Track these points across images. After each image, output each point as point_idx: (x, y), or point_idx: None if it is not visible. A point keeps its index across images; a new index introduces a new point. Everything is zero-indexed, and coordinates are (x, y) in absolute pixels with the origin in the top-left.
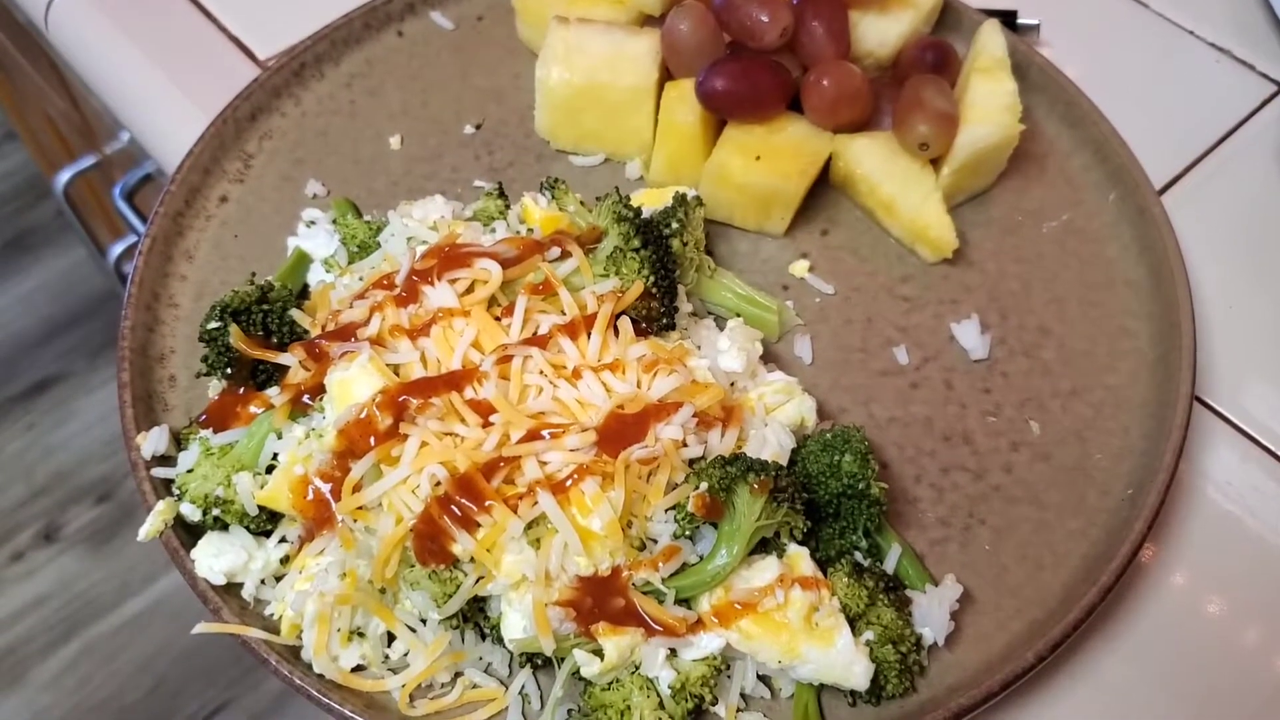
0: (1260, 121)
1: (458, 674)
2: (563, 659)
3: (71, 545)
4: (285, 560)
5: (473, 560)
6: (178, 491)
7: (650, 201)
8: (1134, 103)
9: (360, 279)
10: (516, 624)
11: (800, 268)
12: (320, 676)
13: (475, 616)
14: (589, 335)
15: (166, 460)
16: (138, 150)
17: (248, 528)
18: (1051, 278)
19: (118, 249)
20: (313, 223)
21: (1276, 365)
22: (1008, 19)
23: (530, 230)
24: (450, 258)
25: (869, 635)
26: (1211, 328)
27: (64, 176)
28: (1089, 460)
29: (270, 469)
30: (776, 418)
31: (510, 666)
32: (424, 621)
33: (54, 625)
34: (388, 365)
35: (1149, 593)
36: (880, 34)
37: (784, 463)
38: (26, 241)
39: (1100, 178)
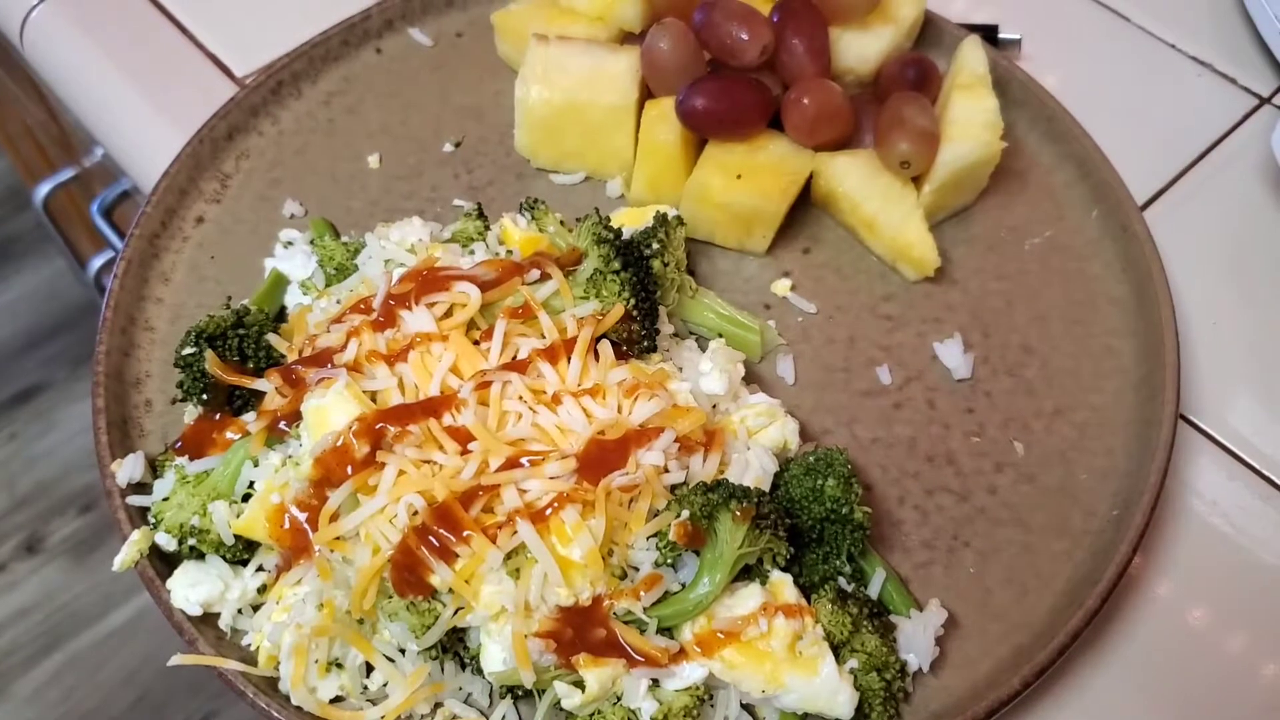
0: (1242, 135)
1: (437, 705)
2: (543, 691)
3: (54, 556)
4: (262, 589)
5: (451, 591)
6: (153, 520)
7: (631, 221)
8: (1116, 117)
9: (338, 302)
10: (496, 656)
11: (782, 287)
12: (298, 709)
13: (455, 647)
14: (569, 360)
15: (143, 487)
16: (114, 165)
17: (224, 557)
18: (1034, 296)
19: (98, 262)
20: (290, 243)
21: (1261, 382)
22: (989, 34)
23: (510, 252)
24: (428, 281)
25: (853, 663)
26: (1196, 345)
27: (43, 189)
28: (1074, 481)
29: (247, 497)
30: (759, 441)
31: (491, 697)
32: (403, 652)
33: (37, 637)
34: (365, 392)
35: (1137, 613)
36: (861, 51)
37: (766, 487)
38: (8, 251)
39: (1083, 194)
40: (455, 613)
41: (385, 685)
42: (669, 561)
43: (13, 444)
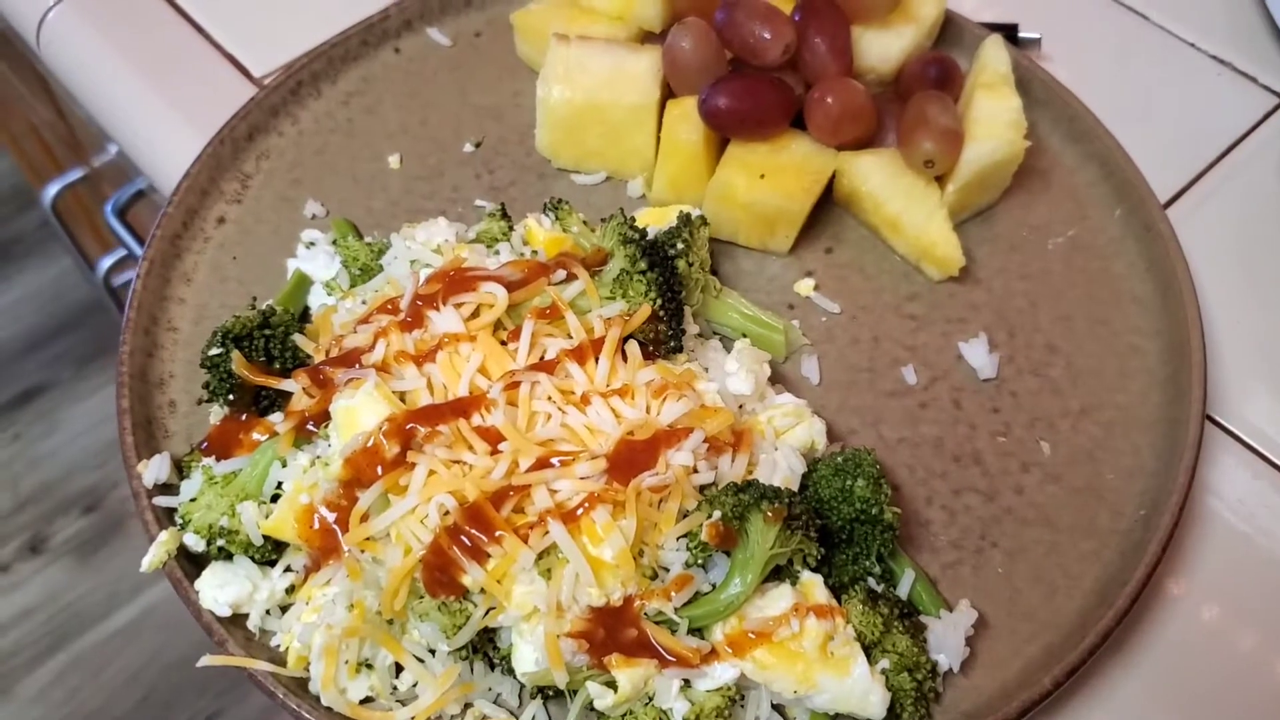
0: (1264, 134)
1: (467, 705)
2: (575, 691)
3: (58, 556)
4: (291, 590)
5: (483, 591)
6: (181, 521)
7: (653, 221)
8: (1136, 117)
9: (363, 302)
10: (528, 656)
11: (805, 286)
12: (329, 710)
13: (485, 647)
14: (597, 360)
15: (168, 487)
16: (127, 163)
17: (252, 557)
18: (1058, 295)
19: (107, 262)
20: (312, 244)
21: None
22: (1009, 33)
23: (534, 252)
24: (455, 282)
25: (884, 663)
26: (1219, 344)
27: (52, 190)
28: (1101, 481)
29: (275, 498)
30: (786, 441)
31: (520, 697)
32: (433, 652)
33: (41, 637)
34: (393, 392)
35: (1164, 613)
36: (883, 50)
37: (795, 487)
38: (11, 251)
39: (1105, 193)
40: (487, 613)
41: (415, 686)
42: (700, 562)
43: (16, 444)
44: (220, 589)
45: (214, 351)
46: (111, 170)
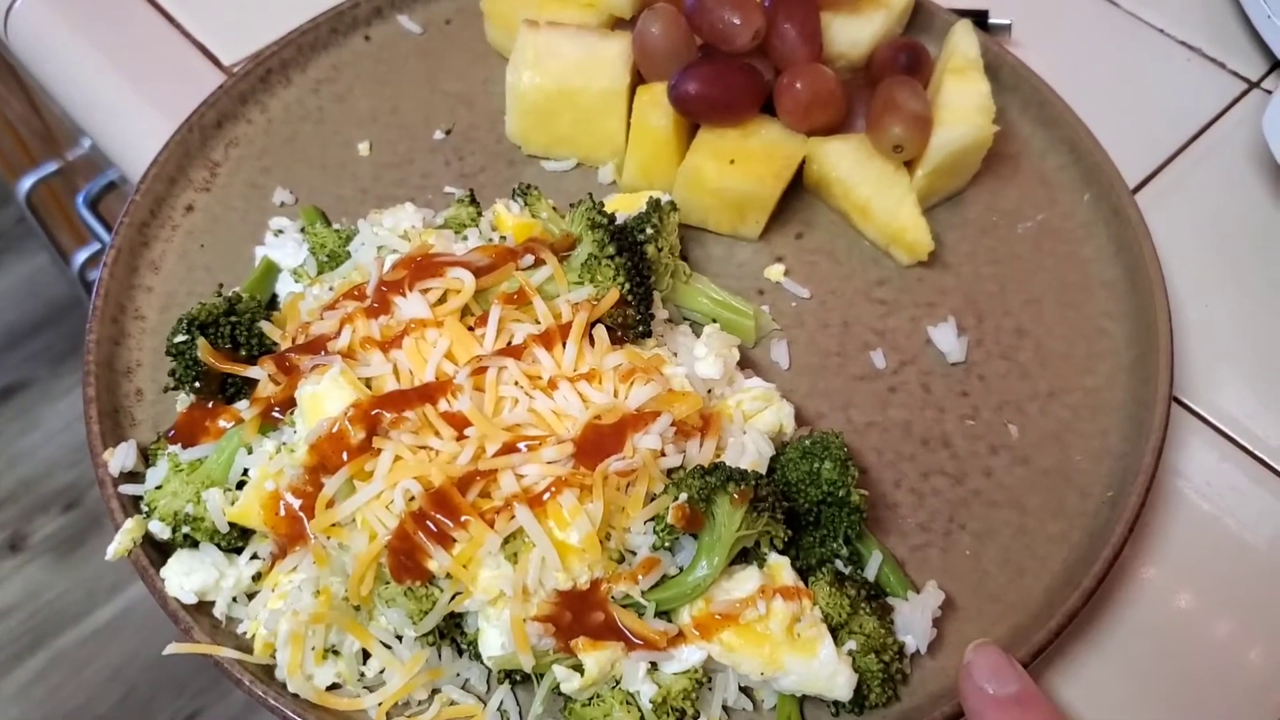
0: (1231, 120)
1: (435, 691)
2: (542, 675)
3: (38, 554)
4: (257, 577)
5: (449, 576)
6: (146, 508)
7: (623, 206)
8: (1105, 102)
9: (330, 289)
10: (494, 640)
11: (775, 272)
12: (295, 696)
13: (452, 632)
14: (564, 345)
15: (135, 476)
16: (100, 157)
17: (218, 545)
18: (1027, 279)
19: (82, 256)
20: (281, 231)
21: (1253, 364)
22: (979, 19)
23: (503, 238)
24: (422, 267)
25: (851, 645)
26: (1188, 327)
27: (25, 184)
28: (1068, 463)
29: (241, 484)
30: (755, 425)
31: (488, 682)
32: (400, 638)
33: (21, 636)
34: (359, 378)
35: (1130, 594)
36: (852, 35)
37: (763, 470)
38: None
39: (1074, 178)
40: (453, 598)
41: (382, 672)
42: (667, 545)
43: None
44: (186, 576)
45: (179, 339)
46: (86, 164)
